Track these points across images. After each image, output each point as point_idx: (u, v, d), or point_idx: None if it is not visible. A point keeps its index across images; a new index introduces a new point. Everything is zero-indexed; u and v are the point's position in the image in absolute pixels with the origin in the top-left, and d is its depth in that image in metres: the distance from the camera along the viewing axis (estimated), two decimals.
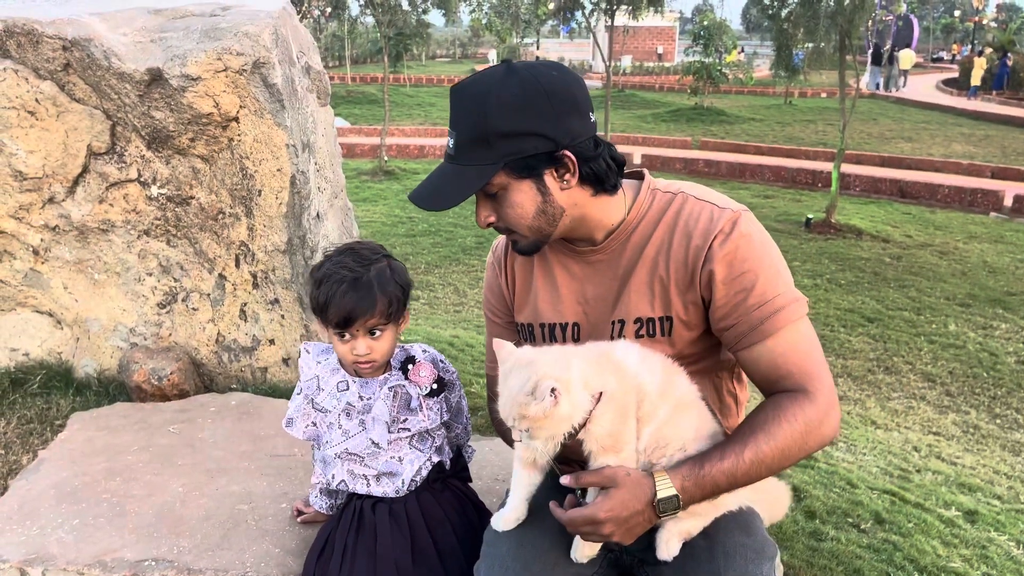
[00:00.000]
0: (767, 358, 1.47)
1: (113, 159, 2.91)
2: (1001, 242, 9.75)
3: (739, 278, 1.47)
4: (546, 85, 1.44)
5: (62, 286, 3.10)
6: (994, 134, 19.35)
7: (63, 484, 2.28)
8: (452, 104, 1.49)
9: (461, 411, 1.91)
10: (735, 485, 1.43)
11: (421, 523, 1.79)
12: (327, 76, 3.35)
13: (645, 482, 1.40)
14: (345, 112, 20.52)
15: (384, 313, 1.69)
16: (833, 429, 1.47)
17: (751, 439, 1.42)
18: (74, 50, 2.74)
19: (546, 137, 1.44)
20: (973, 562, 2.68)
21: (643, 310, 1.56)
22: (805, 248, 9.15)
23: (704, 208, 1.53)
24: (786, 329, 1.46)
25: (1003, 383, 5.73)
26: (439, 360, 1.84)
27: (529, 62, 1.50)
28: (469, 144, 1.46)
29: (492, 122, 1.43)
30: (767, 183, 13.43)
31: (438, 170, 1.53)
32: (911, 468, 3.97)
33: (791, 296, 1.48)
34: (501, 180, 1.47)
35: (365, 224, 9.39)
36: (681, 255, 1.52)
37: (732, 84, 26.36)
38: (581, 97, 1.48)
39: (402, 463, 1.81)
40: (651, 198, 1.59)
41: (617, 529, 1.39)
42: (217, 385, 3.15)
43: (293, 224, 2.96)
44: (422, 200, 1.51)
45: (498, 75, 1.46)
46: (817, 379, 1.46)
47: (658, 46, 45.13)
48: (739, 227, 1.49)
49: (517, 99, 1.43)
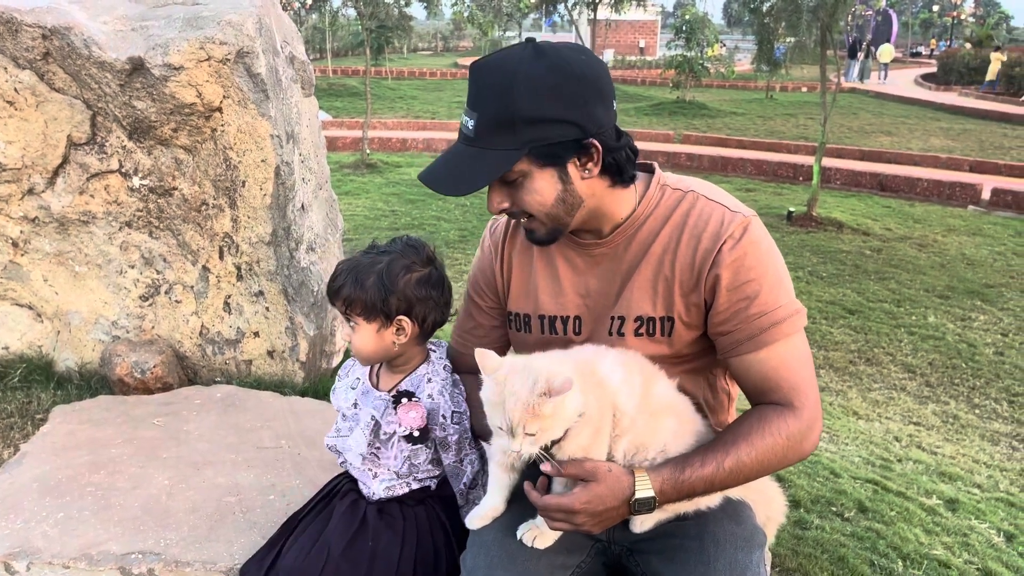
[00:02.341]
0: (758, 368, 1.48)
1: (94, 150, 2.87)
2: (979, 235, 9.86)
3: (743, 286, 1.46)
4: (576, 69, 1.39)
5: (42, 279, 3.06)
6: (972, 128, 19.55)
7: (46, 478, 2.26)
8: (473, 83, 1.43)
9: (458, 474, 1.78)
10: (712, 490, 1.46)
11: (372, 530, 1.73)
12: (311, 66, 3.32)
13: (625, 480, 1.40)
14: (327, 105, 20.39)
15: (347, 302, 1.66)
16: (813, 444, 1.49)
17: (733, 448, 1.43)
18: (54, 39, 2.70)
19: (574, 124, 1.40)
20: (955, 549, 2.72)
21: (645, 309, 1.55)
22: (787, 241, 9.21)
23: (715, 210, 1.51)
24: (782, 342, 1.46)
25: (981, 374, 5.80)
26: (442, 414, 1.72)
27: (555, 44, 1.44)
28: (491, 127, 1.40)
29: (519, 106, 1.37)
30: (749, 176, 13.49)
31: (454, 152, 1.46)
32: (893, 458, 4.02)
33: (791, 308, 1.47)
34: (522, 167, 1.42)
35: (348, 217, 9.35)
36: (689, 257, 1.50)
37: (714, 78, 26.45)
38: (607, 83, 1.44)
39: (375, 479, 1.79)
40: (660, 194, 1.56)
41: (589, 520, 1.41)
42: (201, 378, 3.12)
43: (278, 215, 2.93)
44: (439, 183, 1.45)
45: (526, 56, 1.39)
46: (804, 394, 1.46)
47: (640, 40, 45.20)
48: (749, 233, 1.47)
49: (546, 83, 1.37)
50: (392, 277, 1.66)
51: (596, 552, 1.58)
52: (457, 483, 1.79)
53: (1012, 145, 16.92)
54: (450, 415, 1.72)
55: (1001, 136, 18.31)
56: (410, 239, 1.76)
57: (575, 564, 1.53)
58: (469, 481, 1.78)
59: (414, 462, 1.76)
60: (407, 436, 1.71)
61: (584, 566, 1.55)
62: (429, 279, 1.70)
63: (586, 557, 1.56)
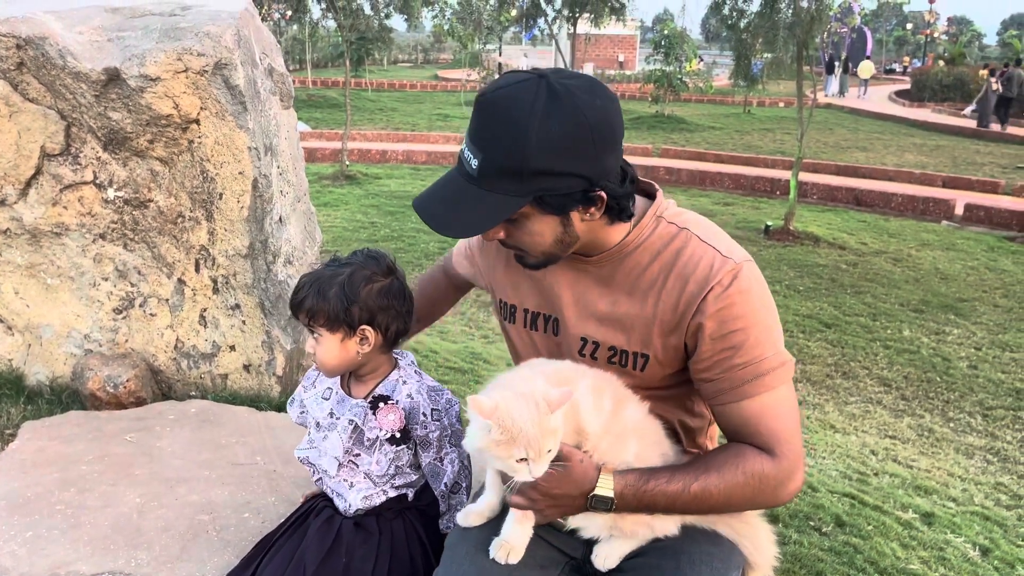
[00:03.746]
0: (739, 416, 1.45)
1: (68, 160, 2.83)
2: (953, 249, 9.99)
3: (729, 336, 1.42)
4: (591, 120, 1.33)
5: (13, 291, 3.01)
6: (945, 144, 19.85)
7: (14, 495, 2.21)
8: (480, 121, 1.37)
9: (438, 473, 1.78)
10: (672, 511, 1.45)
11: (346, 545, 1.73)
12: (290, 78, 3.30)
13: (591, 473, 1.41)
14: (306, 116, 20.32)
15: (310, 314, 1.68)
16: (788, 495, 1.46)
17: (703, 475, 1.42)
18: (28, 48, 2.67)
19: (584, 177, 1.36)
20: (931, 564, 2.73)
21: (619, 341, 1.53)
22: (764, 255, 9.27)
23: (707, 253, 1.46)
24: (765, 394, 1.43)
25: (956, 387, 5.86)
26: (422, 412, 1.74)
27: (568, 83, 1.36)
28: (497, 172, 1.35)
29: (531, 159, 1.32)
30: (727, 191, 13.59)
31: (454, 187, 1.41)
32: (869, 471, 4.04)
33: (778, 360, 1.44)
34: (524, 210, 1.39)
35: (327, 229, 9.30)
36: (673, 299, 1.46)
37: (692, 92, 26.65)
38: (619, 127, 1.40)
39: (351, 489, 1.79)
40: (655, 225, 1.51)
41: (544, 501, 1.41)
42: (176, 393, 3.08)
43: (255, 228, 2.91)
44: (439, 222, 1.41)
45: (540, 102, 1.32)
46: (785, 444, 1.43)
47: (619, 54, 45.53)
48: (738, 282, 1.42)
49: (562, 138, 1.32)
50: (354, 287, 1.67)
51: (570, 568, 1.56)
52: (438, 483, 1.79)
53: (984, 161, 17.19)
54: (430, 412, 1.75)
55: (974, 152, 18.61)
56: (370, 251, 1.78)
57: None
58: (451, 482, 1.78)
59: (398, 463, 1.78)
60: (390, 439, 1.74)
61: None
62: (390, 289, 1.72)
63: (559, 572, 1.54)
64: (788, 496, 1.46)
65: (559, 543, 1.56)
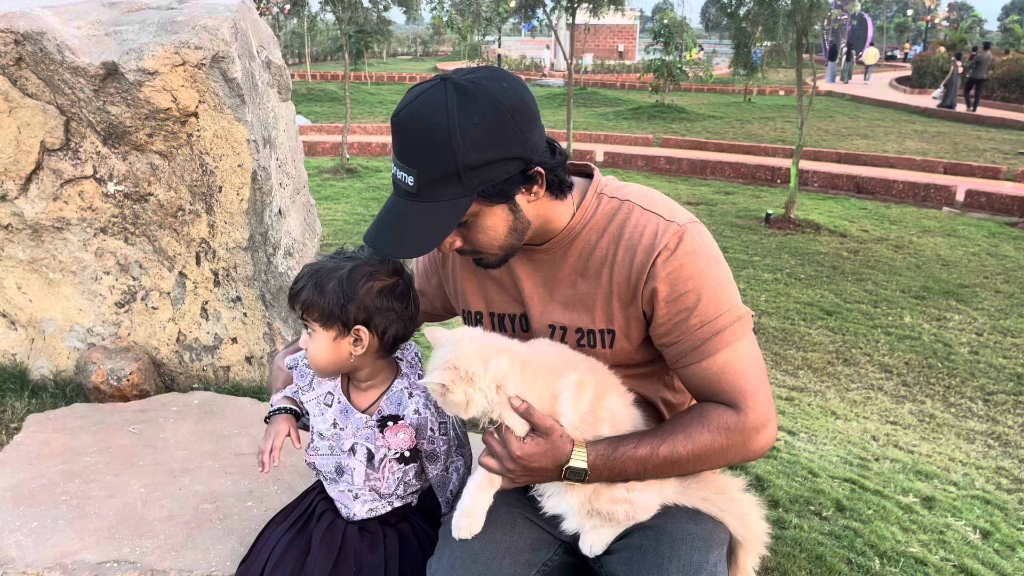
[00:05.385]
0: (701, 376, 1.47)
1: (68, 155, 2.85)
2: (953, 236, 9.99)
3: (681, 297, 1.44)
4: (506, 103, 1.35)
5: (15, 286, 3.02)
6: (946, 131, 19.81)
7: (20, 487, 2.23)
8: (404, 141, 1.36)
9: (445, 483, 1.75)
10: (644, 476, 1.47)
11: (353, 552, 1.69)
12: (288, 71, 3.31)
13: (566, 447, 1.43)
14: (306, 110, 20.31)
15: (305, 306, 1.59)
16: (761, 446, 1.47)
17: (670, 436, 1.44)
18: (26, 44, 2.68)
19: (517, 159, 1.38)
20: (931, 547, 2.74)
21: (584, 321, 1.54)
22: (765, 243, 9.28)
23: (650, 221, 1.48)
24: (725, 350, 1.44)
25: (957, 373, 5.87)
26: (430, 428, 1.68)
27: (470, 76, 1.38)
28: (435, 181, 1.35)
29: (463, 157, 1.32)
30: (727, 179, 13.59)
31: (396, 210, 1.40)
32: (870, 457, 4.05)
33: (733, 315, 1.45)
34: (472, 208, 1.39)
35: (328, 222, 9.31)
36: (625, 271, 1.48)
37: (692, 82, 26.63)
38: (532, 103, 1.41)
39: (355, 500, 1.74)
40: (597, 202, 1.53)
41: (519, 472, 1.44)
42: (178, 385, 3.10)
43: (255, 221, 2.92)
44: (391, 247, 1.40)
45: (452, 102, 1.33)
46: (751, 397, 1.44)
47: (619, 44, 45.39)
48: (684, 243, 1.44)
49: (484, 128, 1.33)
50: (353, 284, 1.58)
51: (563, 550, 1.58)
52: (443, 492, 1.75)
53: (985, 147, 17.16)
54: (437, 427, 1.68)
55: (975, 139, 18.57)
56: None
57: (541, 562, 1.53)
58: (456, 489, 1.74)
59: (406, 480, 1.73)
60: (399, 458, 1.67)
61: (551, 564, 1.55)
62: (393, 290, 1.62)
63: (552, 555, 1.56)
64: (761, 448, 1.47)
65: (551, 527, 1.58)
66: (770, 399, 1.48)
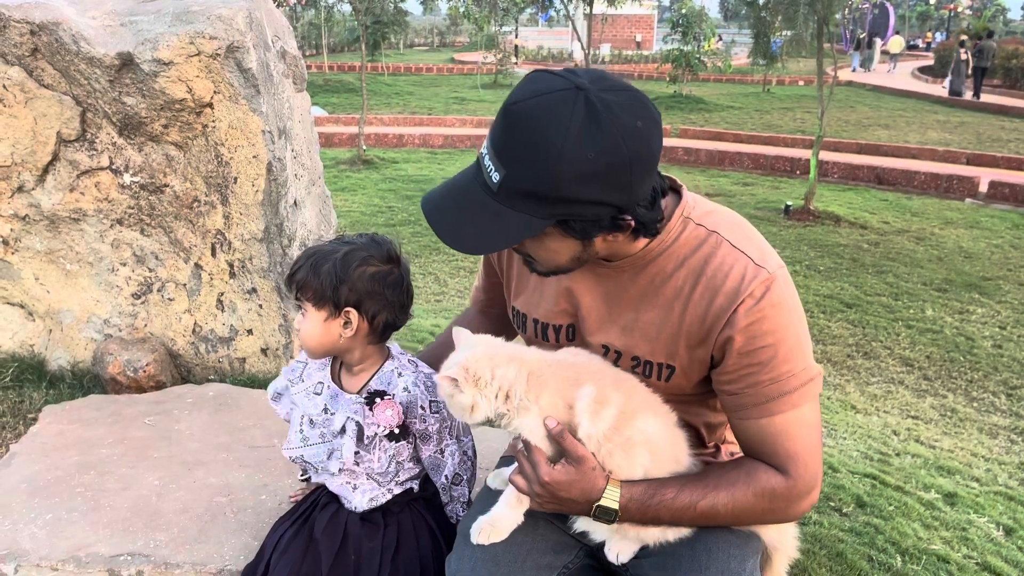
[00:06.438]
0: (757, 432, 1.39)
1: (84, 146, 2.84)
2: (977, 227, 9.85)
3: (757, 351, 1.34)
4: (630, 147, 1.21)
5: (33, 277, 3.03)
6: (969, 121, 19.54)
7: (35, 478, 2.23)
8: (508, 134, 1.23)
9: (439, 465, 1.75)
10: (677, 525, 1.42)
11: (353, 541, 1.71)
12: (303, 61, 3.29)
13: (599, 483, 1.36)
14: (323, 101, 20.34)
15: (300, 286, 1.63)
16: (801, 511, 1.42)
17: (712, 492, 1.38)
18: (42, 34, 2.67)
19: (614, 206, 1.26)
20: (954, 544, 2.70)
21: (643, 351, 1.45)
22: (784, 235, 9.19)
23: (738, 261, 1.36)
24: (789, 412, 1.36)
25: (979, 367, 5.79)
26: (420, 405, 1.68)
27: (607, 98, 1.22)
28: (521, 193, 1.24)
29: (561, 186, 1.21)
30: (746, 171, 13.47)
31: (471, 197, 1.29)
32: (891, 452, 4.00)
33: (805, 377, 1.36)
34: (546, 230, 1.29)
35: (344, 214, 9.32)
36: (701, 311, 1.37)
37: (711, 72, 26.38)
38: (658, 151, 1.27)
39: (355, 491, 1.75)
40: (682, 227, 1.40)
41: (547, 499, 1.38)
42: (194, 376, 3.10)
43: (270, 212, 2.91)
44: (451, 235, 1.30)
45: (576, 122, 1.19)
46: (803, 465, 1.37)
47: (637, 34, 45.10)
48: (771, 294, 1.33)
49: (595, 166, 1.20)
50: (346, 266, 1.61)
51: (584, 553, 1.55)
52: (438, 476, 1.75)
53: (1010, 138, 16.90)
54: (428, 405, 1.69)
55: (999, 129, 18.30)
56: (376, 235, 1.71)
57: (562, 565, 1.51)
58: (451, 474, 1.75)
59: (399, 460, 1.74)
60: (388, 435, 1.68)
61: (571, 567, 1.52)
62: (386, 276, 1.64)
63: (573, 558, 1.53)
64: (800, 512, 1.42)
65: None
66: (820, 466, 1.40)
